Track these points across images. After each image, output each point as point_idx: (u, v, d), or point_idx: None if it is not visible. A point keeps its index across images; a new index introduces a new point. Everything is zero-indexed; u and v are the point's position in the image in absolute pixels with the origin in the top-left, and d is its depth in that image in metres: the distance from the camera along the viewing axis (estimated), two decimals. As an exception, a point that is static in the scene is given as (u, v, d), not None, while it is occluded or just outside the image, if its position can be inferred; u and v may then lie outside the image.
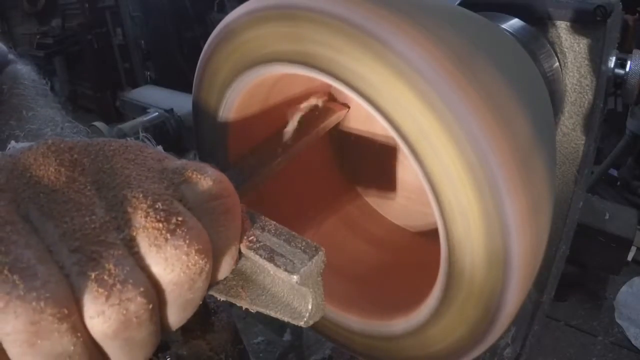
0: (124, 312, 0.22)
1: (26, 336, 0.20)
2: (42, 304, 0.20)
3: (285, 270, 0.27)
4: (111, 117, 3.21)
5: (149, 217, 0.24)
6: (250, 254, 0.29)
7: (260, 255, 0.28)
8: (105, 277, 0.22)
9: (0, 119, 0.49)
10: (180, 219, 0.25)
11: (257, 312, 0.31)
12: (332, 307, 0.47)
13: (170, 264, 0.24)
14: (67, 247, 0.23)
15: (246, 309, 0.31)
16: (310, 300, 0.29)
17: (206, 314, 0.45)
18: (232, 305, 0.32)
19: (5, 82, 0.53)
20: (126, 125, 1.44)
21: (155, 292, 0.24)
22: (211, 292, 0.30)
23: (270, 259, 0.28)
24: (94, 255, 0.23)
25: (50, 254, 0.23)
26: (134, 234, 0.24)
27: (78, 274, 0.22)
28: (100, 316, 0.22)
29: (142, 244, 0.24)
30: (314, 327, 0.49)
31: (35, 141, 0.27)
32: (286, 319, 0.30)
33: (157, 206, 0.24)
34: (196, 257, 0.24)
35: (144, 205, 0.24)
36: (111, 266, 0.22)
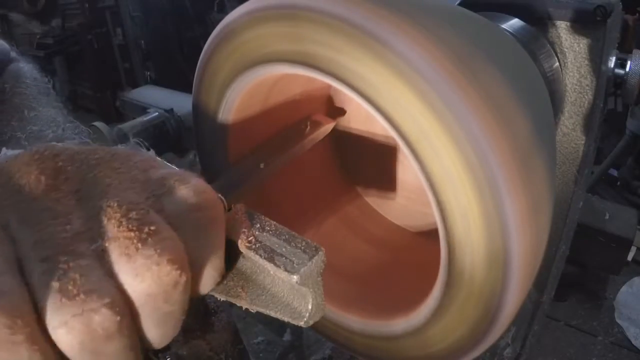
0: (88, 323, 0.22)
1: None
2: None
3: (285, 270, 0.27)
4: (111, 117, 3.21)
5: (121, 227, 0.24)
6: (250, 254, 0.29)
7: (260, 255, 0.28)
8: (70, 287, 0.22)
9: (2, 120, 0.49)
10: (153, 228, 0.24)
11: (257, 312, 0.31)
12: (332, 307, 0.47)
13: (140, 274, 0.23)
14: (38, 256, 0.22)
15: (246, 309, 0.31)
16: (310, 300, 0.29)
17: (206, 314, 0.45)
18: (232, 305, 0.32)
19: (7, 81, 0.53)
20: (126, 125, 1.44)
21: (125, 304, 0.23)
22: (211, 292, 0.30)
23: (270, 259, 0.28)
24: (61, 265, 0.22)
25: (17, 263, 0.22)
26: (107, 244, 0.24)
27: (44, 283, 0.22)
28: (63, 327, 0.22)
29: (113, 253, 0.23)
30: (314, 327, 0.49)
31: (35, 144, 0.27)
32: (286, 319, 0.30)
33: (130, 215, 0.24)
34: (168, 268, 0.24)
35: (118, 215, 0.24)
36: (77, 276, 0.22)
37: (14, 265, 0.22)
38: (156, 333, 0.26)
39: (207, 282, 0.28)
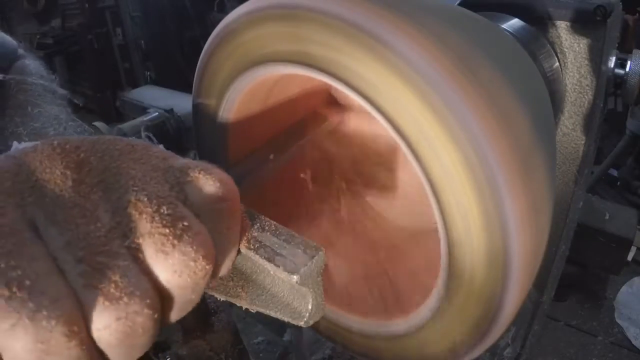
0: (131, 324, 0.22)
1: (35, 354, 0.20)
2: (52, 322, 0.20)
3: (285, 270, 0.27)
4: (111, 117, 3.20)
5: (154, 223, 0.24)
6: (250, 254, 0.29)
7: (260, 255, 0.28)
8: (112, 290, 0.22)
9: (6, 115, 0.49)
10: (186, 223, 0.24)
11: (257, 312, 0.31)
12: (332, 307, 0.47)
13: (178, 270, 0.24)
14: (72, 257, 0.22)
15: (246, 309, 0.31)
16: (310, 300, 0.29)
17: (206, 314, 0.45)
18: (232, 305, 0.32)
19: (13, 77, 0.52)
20: (126, 125, 1.43)
21: (160, 299, 0.24)
22: (211, 292, 0.30)
23: (270, 259, 0.28)
24: (99, 266, 0.22)
25: (56, 263, 0.22)
26: (140, 240, 0.24)
27: (84, 286, 0.22)
28: (107, 329, 0.22)
29: (148, 250, 0.24)
30: (314, 327, 0.49)
31: (38, 140, 0.26)
32: (286, 319, 0.30)
33: (162, 210, 0.24)
34: (203, 263, 0.24)
35: (149, 210, 0.24)
36: (117, 278, 0.22)
37: (55, 268, 0.22)
38: (175, 318, 0.26)
39: (223, 270, 0.28)
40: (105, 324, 0.22)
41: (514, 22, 0.58)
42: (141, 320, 0.23)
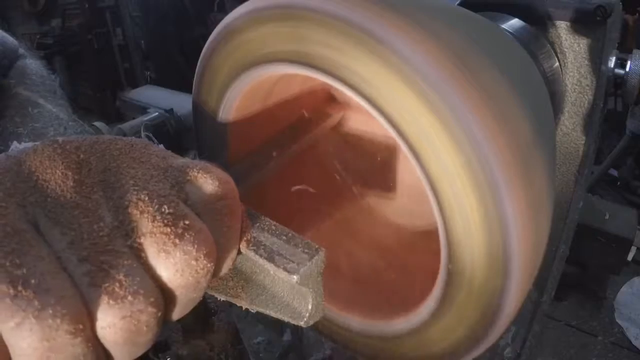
0: (136, 322, 0.22)
1: (41, 352, 0.20)
2: (58, 321, 0.20)
3: (285, 270, 0.27)
4: (111, 117, 3.21)
5: (155, 222, 0.24)
6: (250, 254, 0.29)
7: (260, 255, 0.28)
8: (116, 289, 0.22)
9: (6, 115, 0.49)
10: (187, 222, 0.24)
11: (257, 312, 0.31)
12: (332, 307, 0.47)
13: (180, 269, 0.24)
14: (75, 256, 0.22)
15: (246, 309, 0.31)
16: (310, 300, 0.29)
17: (206, 314, 0.45)
18: (232, 305, 0.32)
19: (13, 77, 0.52)
20: (126, 125, 1.43)
21: (163, 298, 0.24)
22: (211, 292, 0.30)
23: (270, 259, 0.28)
24: (103, 265, 0.22)
25: (59, 262, 0.22)
26: (141, 239, 0.24)
27: (89, 285, 0.22)
28: (111, 327, 0.22)
29: (150, 249, 0.24)
30: (314, 327, 0.49)
31: (38, 141, 0.26)
32: (286, 319, 0.30)
33: (163, 209, 0.24)
34: (205, 261, 0.25)
35: (150, 209, 0.24)
36: (121, 277, 0.22)
37: (60, 266, 0.22)
38: (177, 316, 0.26)
39: (224, 269, 0.29)
40: (110, 322, 0.22)
41: (514, 22, 0.58)
42: (145, 318, 0.23)
